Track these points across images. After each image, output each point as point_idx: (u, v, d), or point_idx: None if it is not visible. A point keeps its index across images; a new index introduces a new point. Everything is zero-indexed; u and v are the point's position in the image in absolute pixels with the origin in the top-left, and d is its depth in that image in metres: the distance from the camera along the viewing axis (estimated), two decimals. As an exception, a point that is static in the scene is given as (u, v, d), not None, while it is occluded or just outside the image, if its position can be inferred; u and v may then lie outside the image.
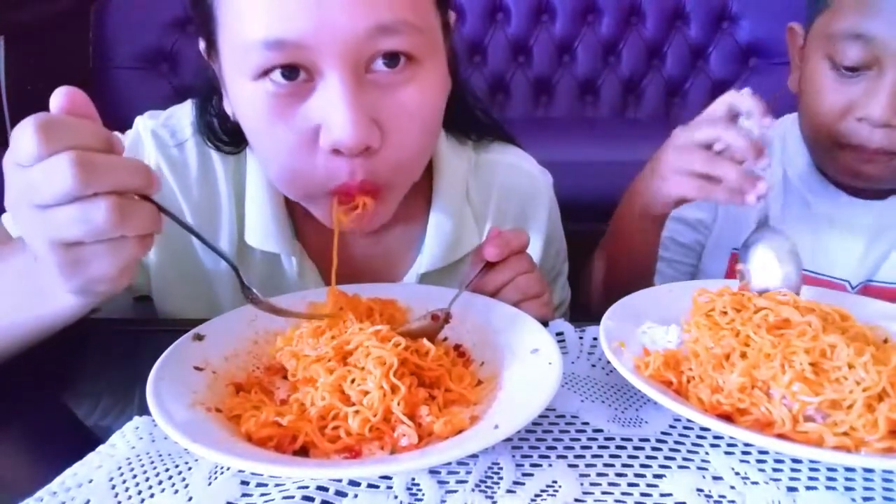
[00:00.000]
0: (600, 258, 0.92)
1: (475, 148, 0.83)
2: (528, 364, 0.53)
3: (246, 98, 0.59)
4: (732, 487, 0.45)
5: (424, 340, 0.54)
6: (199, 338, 0.57)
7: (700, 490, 0.44)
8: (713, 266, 0.94)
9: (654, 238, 0.83)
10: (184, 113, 0.76)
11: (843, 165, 0.80)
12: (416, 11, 0.58)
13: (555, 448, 0.49)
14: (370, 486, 0.45)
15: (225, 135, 0.73)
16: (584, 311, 0.93)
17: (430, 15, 0.60)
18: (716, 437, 0.50)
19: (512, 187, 0.82)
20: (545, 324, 0.61)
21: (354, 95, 0.55)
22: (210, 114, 0.73)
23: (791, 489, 0.45)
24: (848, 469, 0.46)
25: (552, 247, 0.86)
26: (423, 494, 0.44)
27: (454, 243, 0.78)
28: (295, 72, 0.56)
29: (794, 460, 0.47)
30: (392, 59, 0.57)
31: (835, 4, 0.77)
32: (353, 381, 0.50)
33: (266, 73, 0.56)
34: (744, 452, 0.48)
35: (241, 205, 0.74)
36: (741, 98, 0.70)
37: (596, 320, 0.58)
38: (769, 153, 0.68)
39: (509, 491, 0.44)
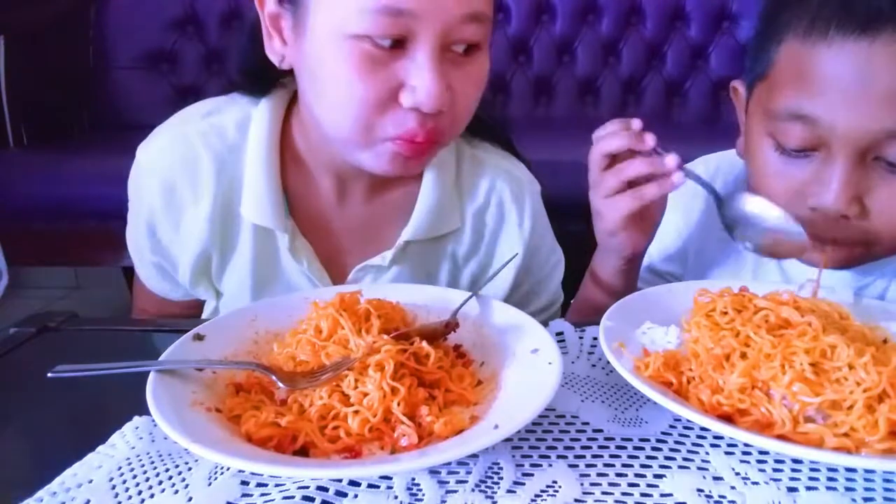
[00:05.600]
0: None
1: (467, 140, 0.85)
2: (528, 364, 0.53)
3: (337, 53, 0.64)
4: (733, 488, 0.45)
5: (423, 343, 0.54)
6: (199, 338, 0.57)
7: (700, 490, 0.44)
8: None
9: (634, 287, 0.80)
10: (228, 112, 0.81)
11: (797, 253, 0.70)
12: (489, 6, 0.68)
13: (555, 448, 0.49)
14: (370, 486, 0.45)
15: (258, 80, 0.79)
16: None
17: (492, 10, 0.70)
18: (716, 438, 0.50)
19: (497, 188, 0.84)
20: (545, 324, 0.61)
21: (440, 66, 0.65)
22: (252, 61, 0.77)
23: (791, 489, 0.45)
24: (849, 469, 0.46)
25: (537, 256, 0.87)
26: (423, 494, 0.44)
27: (438, 216, 0.81)
28: (394, 37, 0.63)
29: (795, 460, 0.47)
30: (469, 45, 0.67)
31: (772, 77, 0.69)
32: (354, 382, 0.50)
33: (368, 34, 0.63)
34: (744, 452, 0.48)
35: (231, 178, 0.78)
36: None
37: (596, 321, 0.58)
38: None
39: (509, 491, 0.44)
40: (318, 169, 0.79)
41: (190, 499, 0.44)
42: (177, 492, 0.44)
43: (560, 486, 0.45)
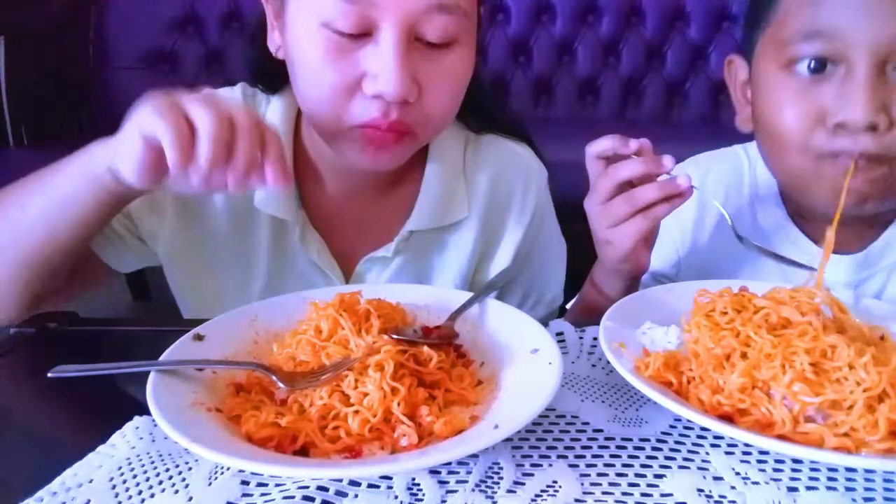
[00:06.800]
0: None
1: (475, 132, 0.86)
2: (528, 364, 0.53)
3: (308, 39, 0.66)
4: (733, 488, 0.45)
5: (425, 347, 0.54)
6: (199, 338, 0.57)
7: (700, 490, 0.44)
8: None
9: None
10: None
11: (823, 188, 0.70)
12: None
13: (555, 448, 0.49)
14: (370, 486, 0.45)
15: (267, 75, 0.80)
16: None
17: (475, 3, 0.70)
18: (716, 437, 0.50)
19: (504, 169, 0.85)
20: (545, 324, 0.61)
21: (404, 56, 0.64)
22: (261, 54, 0.77)
23: (792, 489, 0.45)
24: (849, 469, 0.46)
25: (539, 239, 0.87)
26: (424, 494, 0.44)
27: (443, 206, 0.82)
28: (357, 25, 0.64)
29: (795, 460, 0.47)
30: (444, 38, 0.67)
31: (780, 13, 0.70)
32: (354, 382, 0.50)
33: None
34: (744, 452, 0.48)
35: None
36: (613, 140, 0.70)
37: (596, 321, 0.58)
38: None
39: (509, 491, 0.44)
40: (326, 164, 0.80)
41: (190, 499, 0.44)
42: (177, 492, 0.44)
43: (560, 486, 0.45)
